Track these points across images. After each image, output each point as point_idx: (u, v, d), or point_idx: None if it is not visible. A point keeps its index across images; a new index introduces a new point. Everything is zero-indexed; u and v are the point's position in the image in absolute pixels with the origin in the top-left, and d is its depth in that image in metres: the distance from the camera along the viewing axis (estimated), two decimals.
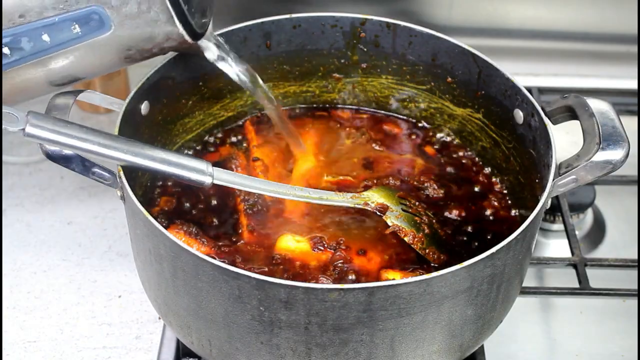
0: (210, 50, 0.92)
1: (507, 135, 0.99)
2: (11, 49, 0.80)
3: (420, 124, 1.09)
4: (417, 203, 0.96)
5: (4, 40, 0.80)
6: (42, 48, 0.81)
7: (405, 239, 0.91)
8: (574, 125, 0.89)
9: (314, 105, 1.11)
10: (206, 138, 1.06)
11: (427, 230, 0.92)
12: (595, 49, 1.40)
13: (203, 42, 0.90)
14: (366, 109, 1.11)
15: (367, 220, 0.94)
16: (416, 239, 0.91)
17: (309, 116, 1.10)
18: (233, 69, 0.94)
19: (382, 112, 1.10)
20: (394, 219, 0.92)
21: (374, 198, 0.93)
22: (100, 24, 0.81)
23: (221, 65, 0.93)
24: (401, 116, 1.10)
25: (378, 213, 0.92)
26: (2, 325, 1.01)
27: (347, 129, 1.08)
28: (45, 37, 0.80)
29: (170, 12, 0.81)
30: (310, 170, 1.01)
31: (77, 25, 0.80)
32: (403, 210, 0.93)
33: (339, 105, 1.11)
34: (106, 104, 0.90)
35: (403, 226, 0.91)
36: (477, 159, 1.04)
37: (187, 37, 0.84)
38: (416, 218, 0.92)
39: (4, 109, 0.79)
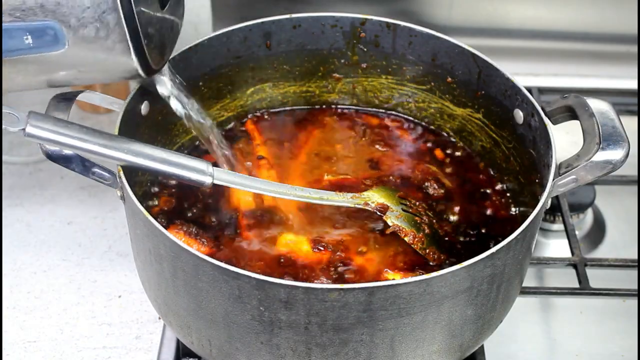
0: (164, 86, 0.90)
1: (507, 135, 0.99)
2: None
3: (420, 124, 1.09)
4: (417, 203, 0.96)
5: None
6: None
7: (406, 239, 0.91)
8: (574, 125, 0.89)
9: (315, 106, 1.11)
10: None
11: (427, 230, 0.92)
12: (595, 49, 1.40)
13: (157, 77, 0.88)
14: (366, 108, 1.11)
15: (368, 220, 0.94)
16: (416, 239, 0.91)
17: (309, 116, 1.10)
18: (182, 108, 0.92)
19: (382, 112, 1.10)
20: (394, 219, 0.92)
21: (374, 198, 0.93)
22: (54, 40, 0.77)
23: (172, 102, 0.91)
24: (401, 116, 1.10)
25: (378, 213, 0.92)
26: (2, 325, 1.01)
27: (347, 128, 1.08)
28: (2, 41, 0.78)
29: (128, 44, 0.78)
30: (311, 170, 1.01)
31: (29, 37, 0.77)
32: (403, 210, 0.93)
33: (339, 105, 1.11)
34: (106, 104, 0.90)
35: (403, 226, 0.91)
36: (477, 159, 1.04)
37: (140, 71, 0.81)
38: (416, 218, 0.92)
39: (5, 110, 0.79)
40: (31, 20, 0.77)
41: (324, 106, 1.11)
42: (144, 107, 0.94)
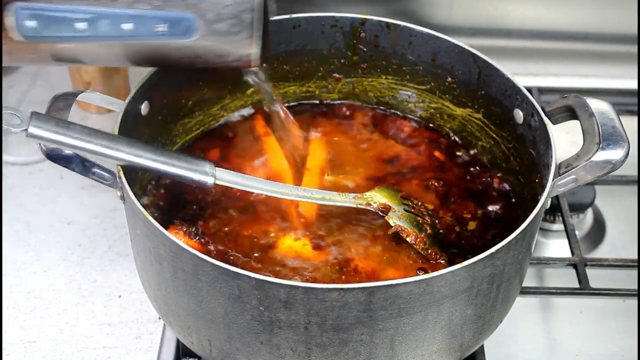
0: (254, 74, 0.96)
1: (507, 135, 0.99)
2: (89, 25, 0.80)
3: (420, 124, 1.09)
4: (419, 203, 0.96)
5: (84, 16, 0.80)
6: (117, 34, 0.81)
7: (408, 239, 0.90)
8: (574, 125, 0.89)
9: (314, 105, 1.11)
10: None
11: (429, 231, 0.92)
12: (595, 49, 1.40)
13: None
14: (366, 108, 1.11)
15: (369, 220, 0.94)
16: (418, 240, 0.91)
17: (309, 115, 1.10)
18: (264, 89, 0.99)
19: (382, 112, 1.10)
20: (397, 220, 0.91)
21: (377, 198, 0.93)
22: (186, 30, 0.82)
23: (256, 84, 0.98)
24: (401, 116, 1.10)
25: (380, 213, 0.92)
26: (2, 325, 1.01)
27: (347, 128, 1.08)
28: (127, 26, 0.81)
29: (257, 40, 0.84)
30: (312, 169, 1.01)
31: (163, 25, 0.81)
32: (405, 210, 0.93)
33: (339, 105, 1.11)
34: (106, 104, 0.90)
35: (405, 226, 0.91)
36: (476, 158, 1.04)
37: (258, 62, 0.87)
38: (418, 218, 0.92)
39: (7, 110, 0.80)
40: (169, 9, 0.81)
41: (323, 108, 1.11)
42: (144, 107, 0.94)
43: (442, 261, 0.90)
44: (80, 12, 0.80)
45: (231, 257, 0.89)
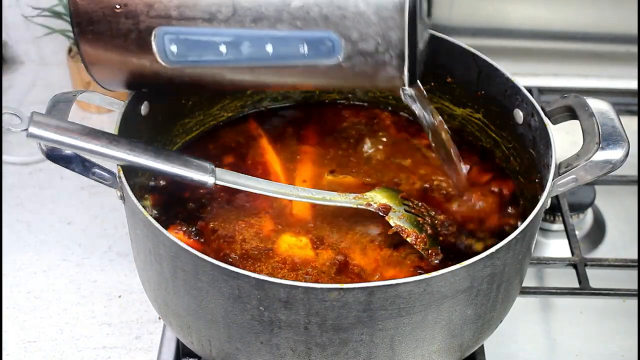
0: (409, 95, 0.91)
1: (507, 135, 0.99)
2: (228, 48, 0.79)
3: (420, 124, 1.09)
4: (419, 204, 0.96)
5: (223, 39, 0.79)
6: (260, 56, 0.79)
7: (408, 239, 0.90)
8: (574, 125, 0.89)
9: (315, 105, 1.11)
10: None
11: (429, 231, 0.92)
12: (595, 49, 1.40)
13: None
14: (366, 108, 1.11)
15: (369, 220, 0.94)
16: (419, 240, 0.90)
17: (309, 115, 1.10)
18: (421, 112, 0.93)
19: (382, 112, 1.10)
20: (397, 220, 0.91)
21: (377, 199, 0.93)
22: (330, 51, 0.79)
23: (415, 107, 0.92)
24: (401, 116, 1.10)
25: (381, 214, 0.92)
26: (2, 325, 1.01)
27: (347, 128, 1.08)
28: (269, 48, 0.78)
29: (404, 60, 0.79)
30: (312, 169, 1.01)
31: (306, 47, 0.78)
32: (406, 211, 0.93)
33: (339, 104, 1.11)
34: (106, 104, 0.91)
35: (406, 227, 0.91)
36: (476, 158, 1.04)
37: (406, 83, 0.81)
38: (419, 219, 0.92)
39: (8, 110, 0.80)
40: (310, 29, 0.78)
41: (325, 104, 1.11)
42: (144, 108, 0.94)
43: (436, 261, 0.90)
44: (222, 35, 0.78)
45: (231, 257, 0.89)
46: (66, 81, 1.33)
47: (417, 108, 0.92)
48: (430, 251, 0.90)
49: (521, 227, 0.80)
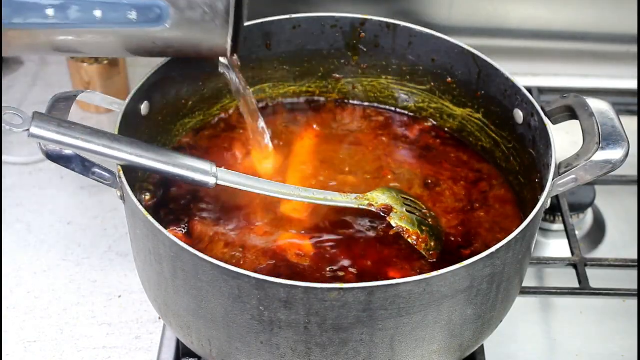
0: (226, 65, 0.95)
1: (507, 135, 0.99)
2: (56, 12, 0.80)
3: (420, 124, 1.09)
4: (421, 204, 0.96)
5: (50, 2, 0.79)
6: (86, 21, 0.81)
7: (409, 240, 0.90)
8: (574, 125, 0.89)
9: (314, 105, 1.11)
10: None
11: (430, 232, 0.92)
12: (595, 49, 1.40)
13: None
14: (366, 108, 1.11)
15: (370, 220, 0.94)
16: (420, 240, 0.91)
17: (309, 115, 1.10)
18: (235, 81, 0.97)
19: (382, 111, 1.10)
20: (398, 220, 0.91)
21: (378, 199, 0.93)
22: (158, 18, 0.81)
23: (227, 74, 0.96)
24: (401, 115, 1.10)
25: (382, 214, 0.92)
26: (2, 325, 1.01)
27: (347, 128, 1.08)
28: (97, 13, 0.80)
29: (228, 28, 0.83)
30: (312, 170, 1.01)
31: (134, 12, 0.81)
32: (407, 211, 0.93)
33: (338, 104, 1.11)
34: (106, 104, 0.90)
35: (407, 227, 0.91)
36: (476, 158, 1.04)
37: (229, 52, 0.85)
38: (423, 220, 0.92)
39: (9, 110, 0.80)
40: None
41: (324, 103, 1.11)
42: (144, 108, 0.94)
43: (430, 261, 0.90)
44: None
45: (231, 257, 0.89)
46: (66, 81, 1.33)
47: (232, 77, 0.96)
48: (431, 252, 0.90)
49: (521, 227, 0.80)
